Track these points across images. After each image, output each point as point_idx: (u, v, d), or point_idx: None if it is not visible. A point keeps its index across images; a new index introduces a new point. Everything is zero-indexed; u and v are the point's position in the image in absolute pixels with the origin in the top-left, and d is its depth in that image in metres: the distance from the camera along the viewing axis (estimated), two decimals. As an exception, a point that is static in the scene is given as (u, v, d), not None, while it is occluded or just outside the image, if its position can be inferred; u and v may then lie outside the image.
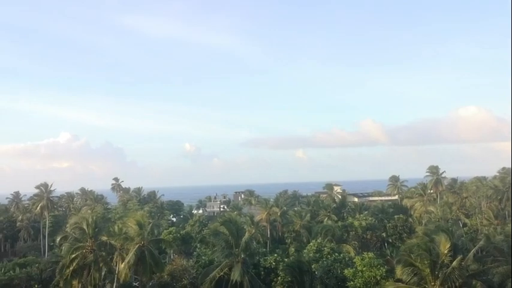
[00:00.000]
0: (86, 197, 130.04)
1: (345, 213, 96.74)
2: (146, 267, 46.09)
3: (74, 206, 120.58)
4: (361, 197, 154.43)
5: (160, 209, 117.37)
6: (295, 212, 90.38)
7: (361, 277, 43.84)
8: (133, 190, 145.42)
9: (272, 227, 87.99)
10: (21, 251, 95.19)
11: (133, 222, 48.56)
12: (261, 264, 51.41)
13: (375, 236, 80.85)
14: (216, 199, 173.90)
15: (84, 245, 46.81)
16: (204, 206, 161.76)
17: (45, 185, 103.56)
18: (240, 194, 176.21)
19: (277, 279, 47.03)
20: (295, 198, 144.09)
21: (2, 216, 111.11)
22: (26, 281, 59.54)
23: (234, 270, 41.18)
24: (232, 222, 45.85)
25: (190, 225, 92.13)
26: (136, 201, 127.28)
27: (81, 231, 48.68)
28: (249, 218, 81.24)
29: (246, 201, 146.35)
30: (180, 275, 53.37)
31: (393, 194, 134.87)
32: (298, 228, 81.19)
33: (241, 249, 43.37)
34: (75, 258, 45.51)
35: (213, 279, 42.03)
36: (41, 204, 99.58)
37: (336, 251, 56.78)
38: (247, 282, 40.98)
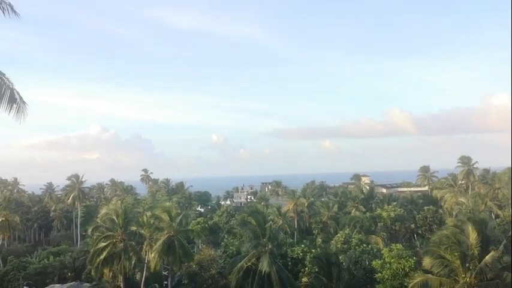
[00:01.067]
0: (116, 187, 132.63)
1: (373, 204, 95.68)
2: (175, 256, 46.79)
3: (105, 197, 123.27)
4: (389, 187, 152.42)
5: (188, 200, 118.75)
6: (322, 202, 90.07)
7: (389, 268, 43.39)
8: (161, 181, 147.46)
9: (299, 218, 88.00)
10: (55, 240, 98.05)
11: (163, 213, 49.30)
12: (288, 254, 51.50)
13: (403, 227, 79.76)
14: (243, 190, 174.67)
15: (115, 234, 47.81)
16: (231, 196, 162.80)
17: (76, 176, 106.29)
18: (267, 185, 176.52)
19: (304, 269, 47.02)
20: (323, 189, 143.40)
21: (37, 206, 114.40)
22: (59, 269, 61.41)
23: (261, 261, 41.34)
24: (259, 212, 45.98)
25: (218, 215, 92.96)
26: (165, 192, 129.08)
27: (111, 222, 49.74)
28: (276, 209, 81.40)
29: (273, 192, 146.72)
30: (208, 265, 54.00)
31: (423, 185, 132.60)
32: (326, 219, 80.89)
33: (269, 240, 43.49)
34: (106, 247, 46.54)
35: (240, 269, 42.30)
36: (72, 195, 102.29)
37: (364, 242, 56.36)
38: (274, 273, 41.09)
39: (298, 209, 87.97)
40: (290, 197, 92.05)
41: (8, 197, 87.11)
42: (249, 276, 42.28)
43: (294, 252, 51.72)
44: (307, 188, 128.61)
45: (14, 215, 72.22)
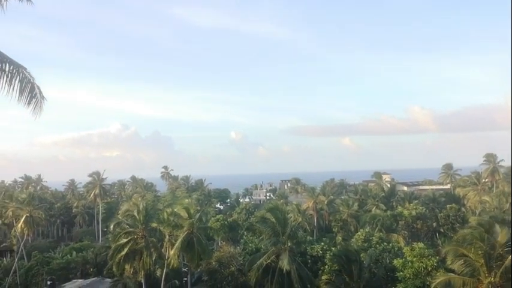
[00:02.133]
0: (137, 184, 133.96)
1: (394, 202, 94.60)
2: (194, 253, 46.91)
3: (126, 194, 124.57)
4: (410, 185, 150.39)
5: (207, 197, 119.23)
6: (342, 200, 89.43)
7: (411, 267, 42.76)
8: (181, 178, 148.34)
9: (319, 216, 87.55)
10: (77, 235, 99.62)
11: (182, 210, 49.49)
12: (308, 252, 51.21)
13: (425, 226, 78.59)
14: (262, 187, 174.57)
15: (136, 231, 48.19)
16: (251, 194, 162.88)
17: (97, 173, 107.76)
18: (286, 183, 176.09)
19: (324, 267, 46.69)
20: (342, 186, 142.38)
21: (60, 202, 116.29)
22: (82, 265, 62.37)
23: (281, 258, 41.18)
24: (278, 210, 45.80)
25: (237, 213, 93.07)
26: (185, 189, 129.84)
27: (132, 218, 50.15)
28: (296, 207, 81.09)
29: (293, 190, 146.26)
30: (228, 262, 54.06)
31: (445, 183, 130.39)
32: (346, 217, 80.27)
33: (288, 237, 43.30)
34: (127, 243, 46.95)
35: (260, 266, 42.20)
36: (94, 192, 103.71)
37: (385, 240, 55.73)
38: (294, 271, 40.88)
39: (318, 206, 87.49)
40: (309, 194, 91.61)
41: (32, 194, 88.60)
42: (269, 274, 42.17)
43: (313, 250, 51.41)
44: (327, 185, 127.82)
45: (37, 211, 73.43)
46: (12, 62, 11.12)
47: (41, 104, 11.62)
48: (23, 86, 11.22)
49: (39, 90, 11.58)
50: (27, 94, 11.34)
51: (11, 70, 11.02)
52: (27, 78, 11.31)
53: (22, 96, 11.26)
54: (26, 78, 11.30)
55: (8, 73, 10.95)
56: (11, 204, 76.30)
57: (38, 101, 11.57)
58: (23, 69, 11.25)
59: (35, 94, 11.49)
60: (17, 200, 78.43)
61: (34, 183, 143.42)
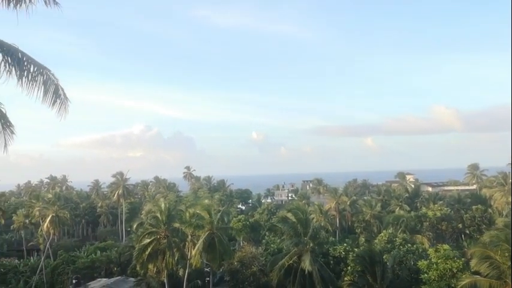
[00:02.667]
0: (159, 185, 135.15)
1: (418, 203, 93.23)
2: (215, 253, 47.07)
3: (149, 194, 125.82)
4: (435, 186, 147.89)
5: (229, 197, 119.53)
6: (365, 201, 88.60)
7: (435, 269, 42.07)
8: (203, 178, 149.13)
9: (341, 217, 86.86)
10: (102, 235, 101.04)
11: (203, 210, 49.72)
12: (330, 253, 50.86)
13: (450, 227, 77.18)
14: (284, 188, 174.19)
15: (158, 231, 48.59)
16: (272, 194, 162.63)
17: (121, 173, 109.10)
18: (308, 183, 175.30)
19: (347, 268, 46.30)
20: (365, 187, 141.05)
21: (84, 202, 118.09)
22: (106, 264, 63.20)
23: (303, 259, 40.97)
24: (300, 210, 45.60)
25: (259, 213, 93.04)
26: (207, 189, 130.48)
27: (155, 218, 50.59)
28: (318, 207, 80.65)
29: (315, 190, 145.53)
30: (250, 262, 54.07)
31: (471, 184, 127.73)
32: (369, 218, 79.48)
33: (310, 238, 43.06)
34: (150, 243, 47.38)
35: (282, 267, 42.09)
36: (117, 192, 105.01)
37: (409, 241, 54.97)
38: (316, 272, 40.63)
39: (340, 207, 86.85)
40: (332, 195, 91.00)
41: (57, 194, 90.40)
42: (291, 275, 42.01)
43: (336, 250, 51.04)
44: (349, 186, 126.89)
45: (63, 211, 74.74)
46: (36, 63, 11.32)
47: (65, 105, 11.77)
48: (47, 87, 11.39)
49: (63, 91, 11.74)
50: (52, 95, 11.51)
51: (35, 71, 11.21)
52: (51, 79, 11.48)
53: (46, 97, 11.43)
54: (50, 79, 11.46)
55: (32, 74, 11.14)
56: (38, 204, 77.86)
57: (62, 102, 11.73)
58: (46, 70, 11.43)
59: (59, 95, 11.65)
60: (43, 200, 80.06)
61: (60, 183, 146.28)
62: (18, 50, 11.19)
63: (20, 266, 65.45)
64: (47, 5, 11.17)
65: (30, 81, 11.09)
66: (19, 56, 11.05)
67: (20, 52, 11.14)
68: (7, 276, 61.64)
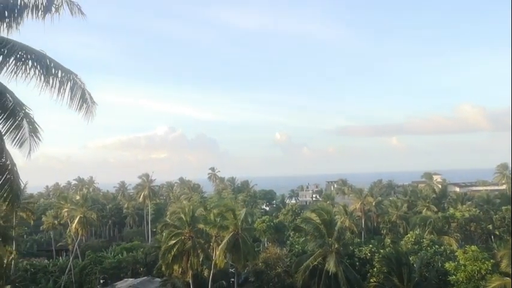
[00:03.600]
0: (184, 186, 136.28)
1: (446, 203, 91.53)
2: (240, 254, 47.15)
3: (174, 195, 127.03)
4: (463, 186, 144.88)
5: (253, 198, 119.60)
6: (390, 202, 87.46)
7: (464, 271, 41.18)
8: (227, 179, 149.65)
9: (366, 217, 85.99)
10: (128, 236, 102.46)
11: (227, 211, 49.88)
12: (356, 254, 50.37)
13: (479, 228, 75.45)
14: (308, 188, 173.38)
15: (183, 232, 48.99)
16: (296, 195, 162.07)
17: (146, 175, 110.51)
18: (333, 184, 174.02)
19: (372, 270, 45.77)
20: (390, 187, 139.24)
21: (111, 203, 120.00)
22: (132, 264, 64.10)
23: (328, 260, 40.68)
24: (324, 211, 45.31)
25: (283, 214, 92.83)
26: (231, 190, 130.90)
27: (179, 219, 51.04)
28: (343, 208, 79.99)
29: (339, 191, 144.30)
30: (274, 263, 54.01)
31: (500, 184, 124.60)
32: (395, 219, 78.45)
33: (335, 239, 42.74)
34: (175, 244, 47.82)
35: (306, 268, 41.89)
36: (143, 193, 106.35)
37: (436, 243, 54.00)
38: (341, 273, 40.29)
39: (366, 208, 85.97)
40: (357, 195, 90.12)
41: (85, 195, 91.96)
42: (316, 276, 41.77)
43: (361, 252, 50.52)
44: (375, 186, 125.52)
45: (90, 212, 76.01)
46: (63, 68, 11.61)
47: (91, 108, 12.06)
48: (74, 92, 11.68)
49: (89, 95, 12.01)
50: (78, 99, 11.79)
51: (63, 77, 11.50)
52: (78, 84, 11.77)
53: (73, 101, 11.72)
54: (77, 84, 11.75)
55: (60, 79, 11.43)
56: (66, 206, 79.38)
57: (88, 105, 12.00)
58: (73, 75, 11.71)
59: (86, 99, 11.92)
60: (71, 201, 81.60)
61: (87, 184, 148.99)
62: (46, 56, 11.47)
63: (50, 266, 66.90)
64: (72, 14, 11.46)
65: (58, 86, 11.39)
66: (47, 62, 11.35)
67: (48, 58, 11.44)
68: (37, 276, 63.07)
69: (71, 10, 11.45)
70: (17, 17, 11.10)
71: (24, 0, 11.26)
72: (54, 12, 11.26)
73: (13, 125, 11.48)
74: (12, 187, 11.81)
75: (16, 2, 11.17)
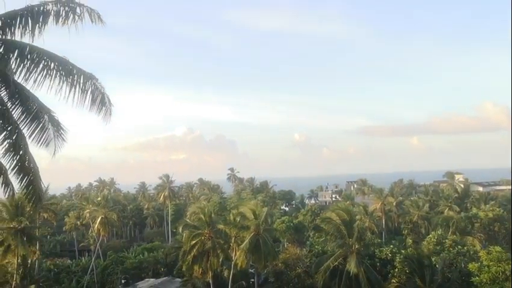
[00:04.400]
0: (204, 186, 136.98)
1: (468, 203, 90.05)
2: (261, 255, 47.14)
3: (193, 195, 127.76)
4: (486, 186, 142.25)
5: (272, 199, 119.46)
6: (412, 202, 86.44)
7: (487, 272, 40.38)
8: (246, 180, 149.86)
9: (387, 218, 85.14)
10: (148, 236, 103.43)
11: (248, 211, 49.93)
12: (377, 255, 49.90)
13: (503, 228, 73.93)
14: (328, 189, 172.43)
15: (203, 232, 49.22)
16: (316, 195, 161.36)
17: (166, 176, 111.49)
18: (353, 184, 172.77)
19: (394, 271, 45.28)
20: (411, 187, 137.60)
21: (131, 204, 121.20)
22: (153, 264, 64.65)
23: (349, 261, 40.43)
24: (345, 211, 45.04)
25: (303, 214, 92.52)
26: (250, 190, 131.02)
27: (199, 220, 51.31)
28: (363, 208, 79.40)
29: (359, 191, 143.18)
30: (294, 264, 53.87)
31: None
32: (416, 219, 77.50)
33: (356, 239, 42.43)
34: (195, 244, 48.09)
35: (327, 268, 41.69)
36: (163, 194, 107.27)
37: (459, 243, 53.15)
38: (362, 273, 39.98)
39: (386, 208, 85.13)
40: (377, 195, 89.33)
41: (106, 196, 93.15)
42: (336, 276, 41.54)
43: (382, 252, 50.01)
44: (395, 186, 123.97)
45: (112, 213, 76.92)
46: (84, 73, 11.90)
47: (110, 111, 12.35)
48: (94, 96, 11.98)
49: (108, 99, 12.29)
50: (99, 103, 12.09)
51: (84, 82, 11.80)
52: (98, 88, 12.07)
53: (94, 105, 12.03)
54: (97, 88, 12.05)
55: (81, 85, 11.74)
56: (88, 206, 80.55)
57: (108, 108, 12.29)
58: (94, 80, 12.00)
59: (105, 103, 12.21)
60: (93, 202, 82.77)
61: (108, 186, 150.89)
62: (69, 62, 11.75)
63: (72, 266, 67.94)
64: (92, 21, 11.73)
65: (80, 91, 11.69)
66: (69, 68, 11.65)
67: (71, 64, 11.74)
68: (60, 276, 64.10)
69: (91, 18, 11.72)
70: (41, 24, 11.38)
71: (46, 8, 11.55)
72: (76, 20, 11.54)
73: (37, 127, 11.87)
74: (35, 188, 12.12)
75: (39, 10, 11.46)
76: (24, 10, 11.42)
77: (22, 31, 11.35)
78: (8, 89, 11.65)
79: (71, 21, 11.51)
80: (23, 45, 11.38)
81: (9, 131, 11.67)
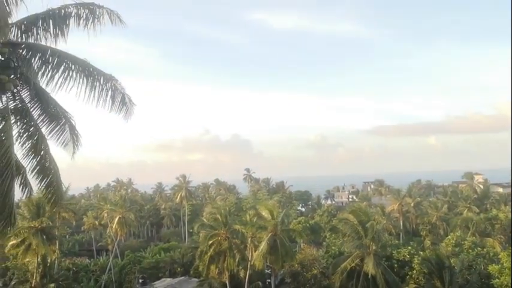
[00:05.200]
0: (220, 187, 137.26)
1: (488, 204, 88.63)
2: (278, 256, 47.04)
3: (209, 196, 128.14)
4: (506, 186, 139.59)
5: (288, 199, 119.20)
6: (430, 203, 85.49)
7: (508, 274, 39.71)
8: (262, 180, 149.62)
9: (405, 219, 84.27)
10: (165, 236, 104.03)
11: (265, 211, 49.90)
12: (394, 256, 49.43)
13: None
14: (344, 189, 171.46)
15: (219, 232, 49.33)
16: (332, 196, 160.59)
17: (183, 176, 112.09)
18: (369, 184, 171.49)
19: (412, 272, 44.81)
20: (429, 188, 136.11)
21: (148, 204, 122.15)
22: (170, 264, 64.99)
23: (366, 262, 40.13)
24: (361, 212, 44.73)
25: (319, 215, 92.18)
26: (266, 191, 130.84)
27: (215, 220, 51.45)
28: (380, 209, 78.77)
29: (376, 192, 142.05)
30: (311, 265, 53.65)
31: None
32: (434, 220, 76.60)
33: (372, 240, 42.09)
34: (212, 245, 48.23)
35: (344, 270, 41.44)
36: (180, 194, 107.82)
37: (479, 245, 52.35)
38: (380, 275, 39.64)
39: (404, 209, 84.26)
40: (394, 196, 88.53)
41: (123, 196, 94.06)
42: (353, 278, 41.28)
43: (400, 254, 49.52)
44: (413, 187, 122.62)
45: (129, 213, 77.56)
46: (104, 75, 12.04)
47: (131, 111, 12.48)
48: (114, 97, 12.11)
49: (129, 99, 12.42)
50: (119, 104, 12.23)
51: (104, 83, 11.94)
52: (118, 89, 12.20)
53: (114, 106, 12.16)
54: (117, 89, 12.18)
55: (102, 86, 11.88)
56: (106, 206, 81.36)
57: (128, 109, 12.41)
58: (114, 81, 12.13)
59: (125, 103, 12.34)
60: (110, 202, 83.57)
61: (125, 186, 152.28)
62: (90, 64, 11.91)
63: (91, 265, 68.73)
64: (112, 23, 11.88)
65: (100, 92, 11.83)
66: (90, 70, 11.80)
67: (91, 67, 11.89)
68: (79, 275, 64.88)
69: (111, 19, 11.87)
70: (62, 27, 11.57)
71: (67, 11, 11.73)
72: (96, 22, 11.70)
73: (55, 128, 12.09)
74: (55, 189, 12.31)
75: (60, 13, 11.64)
76: (46, 13, 11.62)
77: (44, 34, 11.55)
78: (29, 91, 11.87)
79: (91, 23, 11.67)
80: (45, 48, 11.57)
81: (30, 132, 11.88)
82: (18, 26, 11.70)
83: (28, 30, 11.63)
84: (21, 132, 11.87)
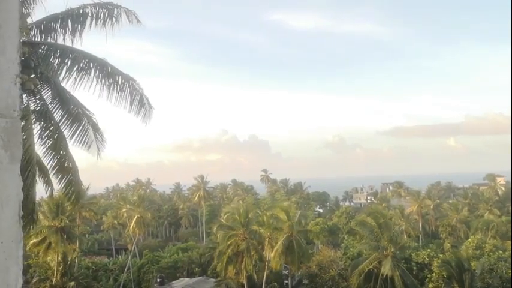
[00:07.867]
0: (237, 187, 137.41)
1: (510, 206, 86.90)
2: (294, 257, 46.95)
3: (227, 196, 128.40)
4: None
5: (306, 200, 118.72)
6: (450, 205, 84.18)
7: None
8: (280, 181, 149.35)
9: (424, 221, 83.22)
10: (183, 236, 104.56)
11: (281, 212, 49.82)
12: (413, 259, 48.86)
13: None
14: (363, 191, 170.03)
15: (237, 233, 49.41)
16: (351, 197, 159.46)
17: (201, 176, 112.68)
18: (388, 186, 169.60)
19: (431, 275, 44.21)
20: (450, 190, 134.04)
21: (167, 204, 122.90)
22: (188, 264, 65.30)
23: (384, 264, 39.71)
24: (380, 213, 44.31)
25: (337, 216, 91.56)
26: (284, 192, 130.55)
27: (233, 221, 51.55)
28: (399, 211, 77.93)
29: (395, 193, 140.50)
30: (328, 266, 53.36)
31: None
32: (454, 223, 75.38)
33: (391, 242, 41.65)
34: (230, 245, 48.34)
35: (361, 272, 41.08)
36: (198, 194, 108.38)
37: (500, 248, 51.37)
38: (398, 277, 39.19)
39: (423, 211, 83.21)
40: (414, 198, 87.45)
41: (142, 196, 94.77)
42: (371, 280, 40.88)
43: (419, 256, 48.94)
44: (433, 189, 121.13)
45: (147, 213, 78.16)
46: (123, 75, 12.15)
47: (149, 113, 12.56)
48: (132, 97, 12.22)
49: (147, 100, 12.51)
50: (137, 104, 12.33)
51: (122, 83, 12.04)
52: (136, 89, 12.30)
53: (132, 106, 12.26)
54: (136, 89, 12.28)
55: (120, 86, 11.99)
56: (125, 206, 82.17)
57: (146, 110, 12.50)
58: (132, 81, 12.24)
59: (144, 104, 12.43)
60: (129, 202, 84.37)
61: (144, 186, 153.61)
62: (108, 63, 12.06)
63: (110, 264, 69.48)
64: (130, 22, 11.99)
65: (118, 92, 11.94)
66: (108, 69, 11.95)
67: (110, 66, 12.03)
68: (98, 274, 65.63)
69: (129, 18, 11.98)
70: (81, 27, 11.72)
71: (86, 11, 11.89)
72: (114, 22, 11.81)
73: (78, 129, 12.21)
74: (74, 188, 12.47)
75: (79, 13, 11.81)
76: (65, 13, 11.78)
77: (63, 33, 11.71)
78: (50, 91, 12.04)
79: (108, 22, 11.80)
80: (64, 47, 11.74)
81: (51, 131, 12.05)
82: (38, 26, 11.90)
83: (47, 30, 11.82)
84: (42, 132, 12.04)
